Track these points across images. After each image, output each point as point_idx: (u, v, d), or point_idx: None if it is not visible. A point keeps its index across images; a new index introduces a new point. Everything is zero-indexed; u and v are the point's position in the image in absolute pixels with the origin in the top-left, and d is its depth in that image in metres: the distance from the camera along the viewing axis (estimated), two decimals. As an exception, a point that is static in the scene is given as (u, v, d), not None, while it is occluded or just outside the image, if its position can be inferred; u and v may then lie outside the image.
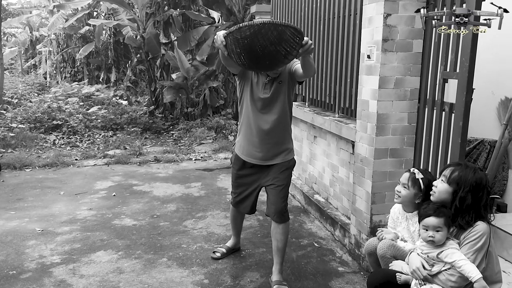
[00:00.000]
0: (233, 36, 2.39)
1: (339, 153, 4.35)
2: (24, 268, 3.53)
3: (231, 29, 2.40)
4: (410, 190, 2.66)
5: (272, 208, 3.23)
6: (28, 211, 4.82)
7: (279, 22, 2.35)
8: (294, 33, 2.40)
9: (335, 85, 4.50)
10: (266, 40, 2.33)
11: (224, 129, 9.02)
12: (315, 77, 5.00)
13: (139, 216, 4.68)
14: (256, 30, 2.30)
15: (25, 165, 6.62)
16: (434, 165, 3.18)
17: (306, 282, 3.37)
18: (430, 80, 3.22)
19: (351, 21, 4.10)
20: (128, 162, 7.00)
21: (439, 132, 3.12)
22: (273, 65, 2.66)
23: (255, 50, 2.37)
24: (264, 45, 2.34)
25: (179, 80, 9.91)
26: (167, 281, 3.35)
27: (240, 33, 2.35)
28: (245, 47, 2.38)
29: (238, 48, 2.41)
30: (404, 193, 2.68)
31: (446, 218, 2.31)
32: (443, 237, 2.31)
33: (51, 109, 9.31)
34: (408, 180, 2.66)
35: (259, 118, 3.16)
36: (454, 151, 2.93)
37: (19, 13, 19.90)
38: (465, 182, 2.30)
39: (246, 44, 2.36)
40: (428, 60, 3.23)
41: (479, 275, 2.17)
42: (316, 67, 4.95)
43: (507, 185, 4.20)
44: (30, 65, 19.60)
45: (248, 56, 2.45)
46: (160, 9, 10.23)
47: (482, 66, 3.44)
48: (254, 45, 2.35)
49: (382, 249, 2.64)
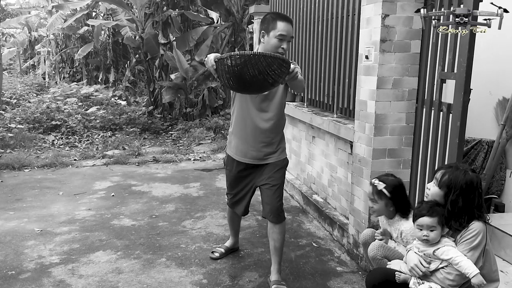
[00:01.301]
0: (224, 63, 2.48)
1: (337, 153, 4.37)
2: (23, 268, 3.53)
3: (222, 56, 2.49)
4: (379, 202, 2.68)
5: (267, 208, 3.23)
6: (27, 211, 4.82)
7: (268, 54, 2.47)
8: (282, 64, 2.52)
9: (333, 86, 4.51)
10: (255, 70, 2.43)
11: (223, 129, 9.03)
12: (313, 78, 5.01)
13: (138, 216, 4.69)
14: (247, 60, 2.41)
15: (24, 165, 6.62)
16: (432, 165, 3.19)
17: (304, 282, 3.38)
18: (428, 80, 3.23)
19: (349, 22, 4.11)
20: (127, 163, 7.00)
21: (437, 132, 3.13)
22: (260, 91, 2.81)
23: (244, 77, 2.47)
24: (253, 74, 2.45)
25: (178, 80, 9.92)
26: (166, 281, 3.35)
27: (231, 61, 2.45)
28: (235, 74, 2.48)
29: (228, 74, 2.50)
30: (375, 207, 2.71)
31: (440, 216, 2.31)
32: (438, 236, 2.33)
33: (49, 109, 9.32)
34: (373, 194, 2.69)
35: (255, 116, 3.16)
36: (452, 151, 2.94)
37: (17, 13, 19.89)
38: (455, 184, 2.29)
39: (235, 71, 2.45)
40: (426, 61, 3.24)
41: (476, 271, 2.18)
42: (315, 68, 4.96)
43: (504, 185, 4.22)
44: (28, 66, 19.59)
45: (237, 81, 2.55)
46: (159, 10, 10.24)
47: (479, 67, 3.46)
48: (243, 73, 2.45)
49: (373, 251, 2.67)
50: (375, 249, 2.65)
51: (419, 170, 3.35)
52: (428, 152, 3.25)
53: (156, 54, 10.12)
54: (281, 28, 2.97)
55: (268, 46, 3.03)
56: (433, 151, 3.18)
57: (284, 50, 3.01)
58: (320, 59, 4.81)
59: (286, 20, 3.02)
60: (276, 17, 3.03)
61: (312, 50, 5.00)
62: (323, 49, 4.71)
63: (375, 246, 2.67)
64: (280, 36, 2.97)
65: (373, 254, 2.66)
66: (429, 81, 3.22)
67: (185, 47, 9.99)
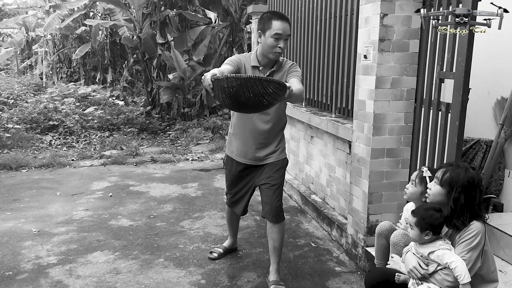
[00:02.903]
0: (220, 84, 2.50)
1: (336, 153, 4.36)
2: (20, 269, 3.51)
3: (219, 77, 2.51)
4: (417, 187, 2.69)
5: (267, 208, 3.23)
6: (24, 211, 4.81)
7: (264, 78, 2.48)
8: (277, 87, 2.52)
9: (331, 85, 4.51)
10: (251, 92, 2.45)
11: (221, 130, 9.02)
12: (312, 77, 5.00)
13: (135, 217, 4.67)
14: (243, 83, 2.43)
15: (21, 165, 6.60)
16: (431, 165, 3.19)
17: (303, 282, 3.37)
18: (426, 80, 3.23)
19: (348, 21, 4.11)
20: (124, 163, 6.98)
21: (436, 132, 3.13)
22: (255, 111, 2.81)
23: (240, 99, 2.49)
24: (248, 96, 2.47)
25: (175, 80, 9.90)
26: (164, 281, 3.34)
27: (227, 82, 2.46)
28: (231, 95, 2.49)
29: (224, 94, 2.52)
30: (411, 190, 2.72)
31: (419, 219, 2.32)
32: (415, 236, 2.35)
33: (47, 109, 9.28)
34: (416, 177, 2.69)
35: (255, 118, 3.16)
36: (450, 151, 2.94)
37: (15, 13, 19.83)
38: (456, 182, 2.30)
39: (231, 92, 2.47)
40: (425, 60, 3.24)
41: (467, 279, 2.18)
42: (313, 67, 4.96)
43: (503, 185, 4.22)
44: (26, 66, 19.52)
45: (232, 102, 2.56)
46: (157, 10, 10.23)
47: (478, 66, 3.46)
48: (239, 95, 2.47)
49: (397, 237, 2.71)
50: (399, 236, 2.70)
51: (418, 169, 3.34)
52: (427, 152, 3.25)
53: (154, 54, 10.10)
54: (276, 27, 2.95)
55: (265, 46, 3.02)
56: (432, 150, 3.18)
57: (281, 49, 3.00)
58: (318, 59, 4.81)
59: (282, 19, 2.99)
60: (271, 16, 3.01)
61: (311, 50, 5.00)
62: (322, 49, 4.71)
63: (399, 233, 2.71)
64: (276, 35, 2.96)
65: (397, 240, 2.70)
66: (427, 81, 3.21)
67: (183, 47, 9.98)
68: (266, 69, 3.14)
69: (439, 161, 3.09)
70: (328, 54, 4.55)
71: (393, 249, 2.72)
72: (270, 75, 3.12)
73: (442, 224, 2.32)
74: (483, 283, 2.36)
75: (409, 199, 2.79)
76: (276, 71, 3.15)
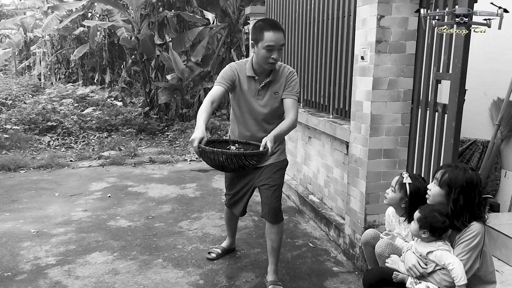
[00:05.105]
0: (206, 154, 2.61)
1: (333, 153, 4.38)
2: (19, 269, 3.52)
3: (205, 149, 2.59)
4: (396, 193, 2.69)
5: (266, 208, 3.24)
6: (23, 212, 4.81)
7: (248, 153, 2.61)
8: (262, 155, 2.68)
9: (329, 86, 4.52)
10: (235, 164, 2.59)
11: (219, 130, 9.03)
12: (309, 79, 5.02)
13: (134, 217, 4.68)
14: (224, 159, 2.56)
15: (19, 166, 6.60)
16: (428, 165, 3.21)
17: (301, 282, 3.39)
18: (423, 81, 3.25)
19: (345, 23, 4.13)
20: (123, 163, 6.99)
21: (432, 132, 3.15)
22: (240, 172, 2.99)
23: (225, 167, 2.63)
24: (232, 167, 2.62)
25: (174, 81, 9.91)
26: (162, 281, 3.35)
27: (213, 155, 2.59)
28: (216, 164, 2.63)
29: (210, 161, 2.64)
30: (390, 195, 2.72)
31: (421, 216, 2.36)
32: (413, 230, 2.39)
33: (45, 110, 9.28)
34: (396, 183, 2.69)
35: (255, 120, 3.18)
36: (447, 152, 2.95)
37: (13, 14, 19.80)
38: (455, 183, 2.31)
39: (216, 162, 2.61)
40: (421, 61, 3.25)
41: (463, 281, 2.20)
42: (311, 69, 4.97)
43: (499, 185, 4.24)
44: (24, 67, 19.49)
45: (218, 168, 2.69)
46: (155, 10, 10.24)
47: (474, 67, 3.48)
48: (224, 166, 2.62)
49: (380, 247, 2.67)
50: (383, 246, 2.66)
51: (415, 170, 3.37)
52: (424, 153, 3.27)
53: (152, 55, 10.11)
54: (268, 39, 2.90)
55: (258, 57, 3.00)
56: (429, 151, 3.20)
57: (275, 60, 2.97)
58: (316, 60, 4.83)
59: (274, 29, 2.91)
60: (263, 26, 2.93)
61: (308, 51, 5.02)
62: (319, 50, 4.72)
63: (383, 243, 2.67)
64: (268, 47, 2.91)
65: (381, 250, 2.66)
66: (424, 82, 3.23)
67: (181, 48, 9.98)
68: (262, 78, 3.12)
69: (435, 161, 3.10)
70: (326, 55, 4.57)
71: (379, 260, 2.69)
72: (266, 85, 3.11)
73: (443, 229, 2.32)
74: (481, 284, 2.37)
75: (388, 204, 2.79)
76: (272, 81, 3.12)
